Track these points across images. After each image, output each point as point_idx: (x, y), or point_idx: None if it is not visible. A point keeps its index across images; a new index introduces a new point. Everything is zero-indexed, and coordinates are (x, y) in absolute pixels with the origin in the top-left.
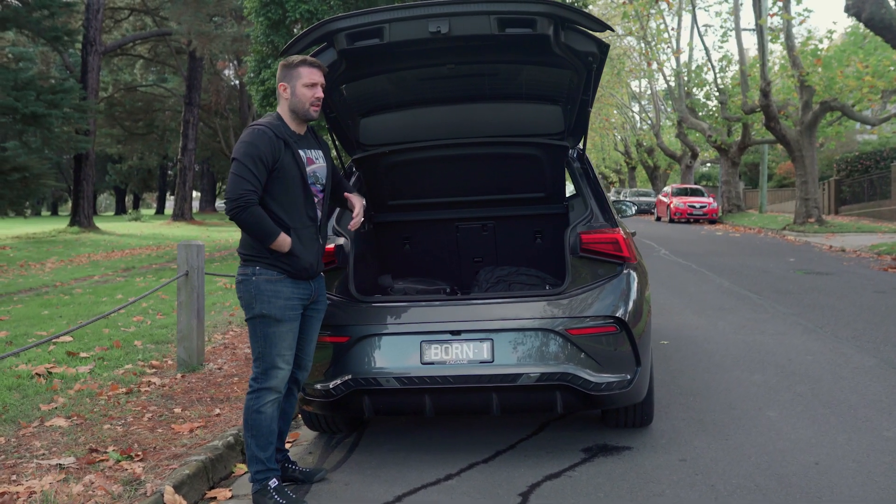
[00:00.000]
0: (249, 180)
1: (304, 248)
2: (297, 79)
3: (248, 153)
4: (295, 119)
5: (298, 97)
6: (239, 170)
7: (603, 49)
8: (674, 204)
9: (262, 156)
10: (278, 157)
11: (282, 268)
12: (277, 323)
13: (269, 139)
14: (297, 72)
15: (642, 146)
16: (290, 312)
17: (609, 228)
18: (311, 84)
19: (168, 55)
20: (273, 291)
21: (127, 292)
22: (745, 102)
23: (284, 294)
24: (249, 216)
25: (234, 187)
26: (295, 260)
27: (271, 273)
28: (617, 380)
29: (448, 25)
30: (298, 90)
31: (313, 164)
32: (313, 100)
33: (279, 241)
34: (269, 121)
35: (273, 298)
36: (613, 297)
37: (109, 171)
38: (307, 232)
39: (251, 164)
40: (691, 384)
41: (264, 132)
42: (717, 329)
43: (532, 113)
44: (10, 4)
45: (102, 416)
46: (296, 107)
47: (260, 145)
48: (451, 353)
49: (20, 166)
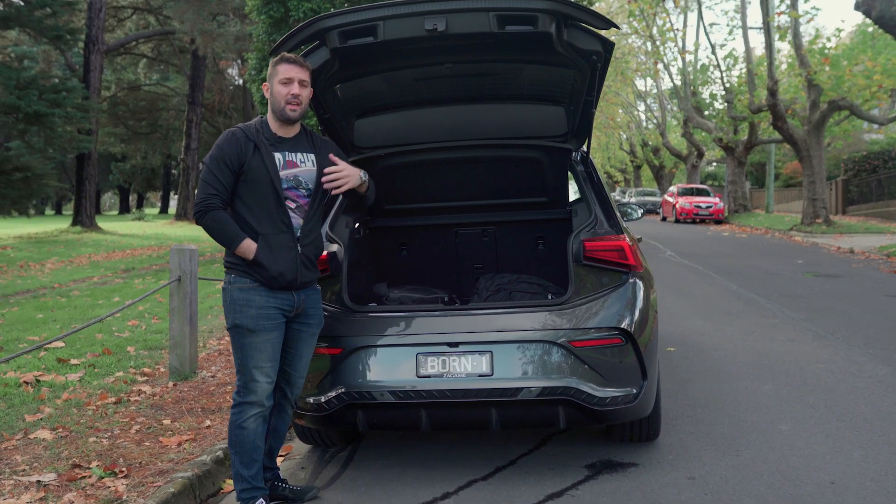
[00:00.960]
0: (212, 184)
1: (272, 255)
2: (274, 75)
3: (214, 156)
4: (277, 120)
5: (274, 95)
6: (204, 174)
7: (608, 47)
8: (679, 204)
9: (227, 158)
10: (245, 159)
11: (254, 276)
12: (251, 333)
13: (237, 141)
14: (275, 69)
15: (648, 145)
16: (264, 322)
17: (614, 235)
18: (285, 80)
19: (171, 54)
20: (245, 300)
21: (124, 295)
22: (752, 101)
23: (256, 303)
24: (210, 221)
25: (199, 191)
26: (261, 269)
27: (244, 281)
28: (622, 394)
29: (445, 23)
30: (275, 88)
31: (295, 167)
32: (288, 97)
33: (242, 247)
34: (249, 123)
35: (245, 308)
36: (618, 307)
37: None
38: (280, 239)
39: (215, 167)
40: (699, 394)
41: (233, 134)
42: (725, 335)
43: (534, 114)
44: (11, 3)
45: (88, 427)
46: (273, 106)
47: (225, 148)
48: (448, 366)
49: (22, 166)
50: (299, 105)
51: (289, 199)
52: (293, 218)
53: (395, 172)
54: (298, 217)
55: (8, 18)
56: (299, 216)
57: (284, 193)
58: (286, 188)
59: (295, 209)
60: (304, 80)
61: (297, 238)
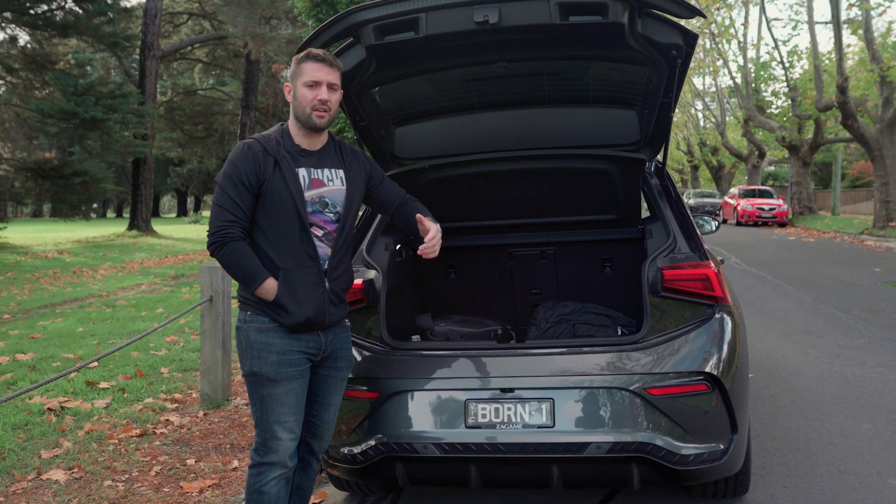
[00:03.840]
0: (230, 209)
1: (292, 296)
2: (298, 76)
3: (228, 174)
4: (300, 129)
5: (298, 100)
6: (218, 196)
7: (690, 40)
8: (741, 206)
9: (244, 177)
10: (264, 178)
11: (274, 316)
12: (272, 383)
13: (253, 156)
14: (300, 68)
15: (706, 145)
16: (287, 370)
17: (697, 261)
18: (312, 83)
19: (226, 59)
20: (264, 344)
21: (169, 305)
22: (820, 99)
23: (278, 347)
24: (229, 255)
25: (213, 217)
26: (283, 312)
27: (262, 320)
28: (707, 451)
29: (498, 14)
30: (299, 91)
31: (322, 186)
32: (314, 103)
33: (264, 287)
34: (266, 133)
35: (264, 352)
36: (703, 347)
37: (171, 174)
38: (303, 275)
39: (230, 188)
40: (787, 435)
41: (249, 147)
42: (808, 358)
43: (601, 119)
44: (71, 11)
45: (106, 468)
46: (296, 112)
47: (240, 164)
48: (501, 415)
49: (80, 171)
50: (328, 112)
51: (314, 225)
52: (319, 248)
53: (442, 187)
54: (326, 246)
55: (67, 26)
56: (327, 245)
57: (310, 219)
58: (311, 212)
59: (322, 237)
60: (334, 83)
61: (323, 272)
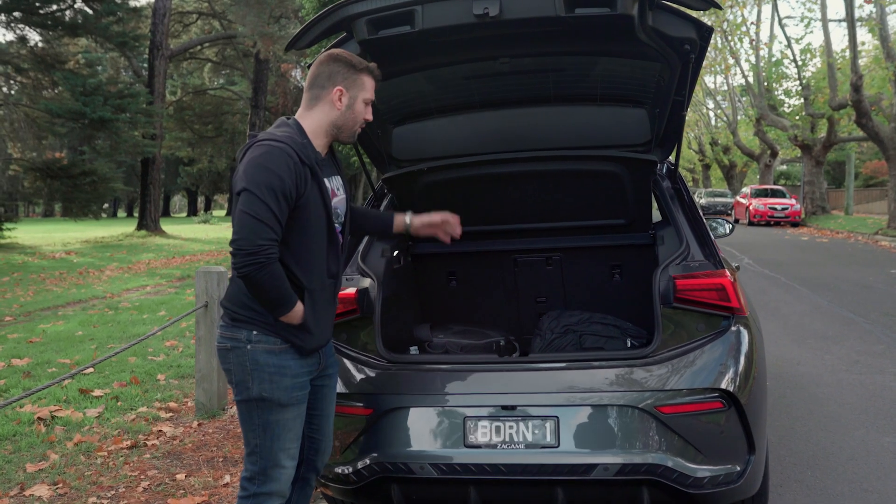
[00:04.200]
0: (271, 225)
1: (317, 319)
2: (360, 89)
3: (269, 184)
4: (327, 136)
5: (355, 113)
6: (256, 208)
7: (704, 34)
8: (753, 205)
9: (287, 189)
10: (303, 190)
11: (286, 336)
12: (282, 409)
13: (294, 165)
14: (362, 80)
15: (717, 144)
16: (298, 394)
17: (712, 270)
18: (369, 101)
19: (235, 58)
20: (277, 367)
21: (171, 308)
22: (833, 97)
23: (292, 370)
24: (269, 277)
25: (249, 233)
26: (303, 336)
27: (273, 341)
28: (723, 473)
29: (499, 6)
30: (358, 105)
31: (335, 196)
32: (364, 123)
33: (295, 311)
34: (288, 135)
35: (277, 376)
36: (718, 362)
37: (181, 174)
38: (325, 295)
39: (273, 200)
40: (806, 449)
41: (288, 155)
42: (825, 365)
43: (610, 118)
44: (80, 10)
45: (91, 483)
46: (345, 123)
47: (284, 174)
48: (503, 434)
49: (89, 170)
50: None
51: None
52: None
53: (442, 190)
54: (341, 262)
55: (76, 26)
56: (341, 260)
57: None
58: None
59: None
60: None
61: (337, 286)
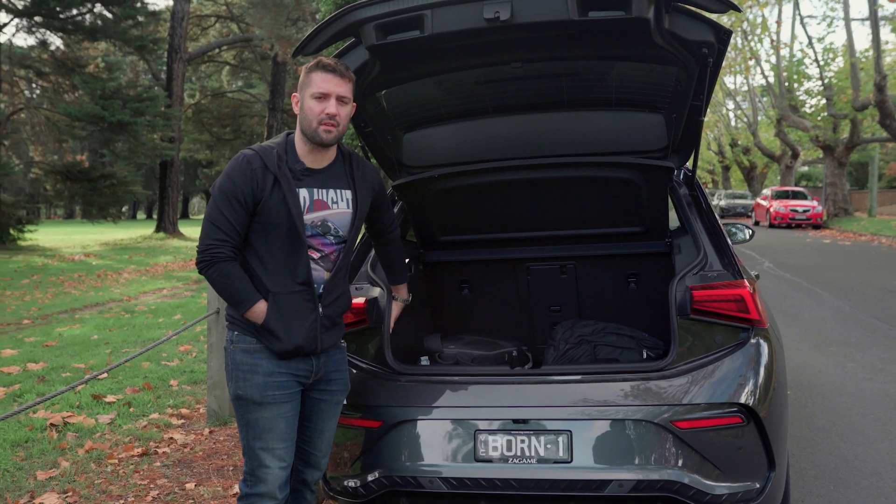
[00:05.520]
0: (221, 227)
1: (283, 322)
2: (307, 86)
3: (223, 189)
4: (305, 144)
5: (306, 112)
6: (210, 211)
7: (723, 37)
8: (774, 207)
9: (239, 194)
10: (261, 196)
11: (258, 337)
12: (257, 407)
13: (251, 172)
14: (309, 78)
15: (737, 145)
16: (273, 393)
17: (731, 280)
18: (320, 95)
19: (253, 61)
20: (250, 365)
21: (187, 312)
22: (856, 98)
23: (264, 368)
24: (217, 275)
25: (203, 234)
26: (270, 338)
27: (249, 340)
28: (742, 490)
29: (510, 10)
30: (307, 103)
31: (325, 209)
32: (322, 116)
33: (254, 310)
34: (267, 145)
35: (249, 374)
36: (737, 375)
37: (199, 176)
38: (294, 299)
39: (224, 204)
40: (828, 462)
41: (247, 162)
42: (847, 373)
43: (625, 124)
44: (99, 14)
45: (101, 492)
46: (302, 125)
47: (237, 180)
48: (514, 448)
49: (108, 174)
50: (335, 126)
51: (312, 248)
52: (315, 271)
53: (453, 197)
54: (322, 270)
55: (96, 31)
56: (323, 269)
57: (308, 242)
58: (309, 235)
59: (319, 259)
60: (345, 96)
61: (318, 296)
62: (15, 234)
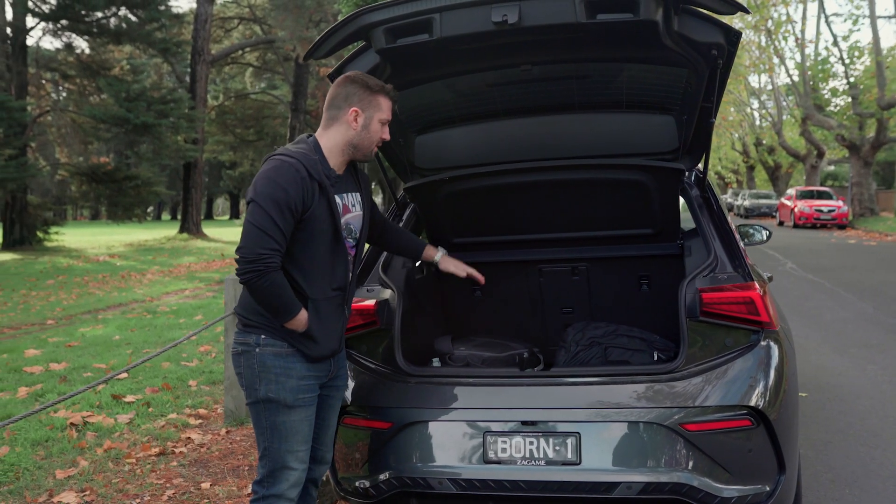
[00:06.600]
0: (273, 236)
1: (322, 328)
2: (376, 109)
3: (274, 197)
4: (343, 155)
5: (371, 133)
6: (260, 219)
7: (732, 39)
8: (798, 207)
9: (292, 202)
10: (310, 205)
11: (293, 342)
12: (288, 410)
13: (301, 180)
14: (378, 101)
15: (762, 145)
16: (304, 396)
17: (741, 283)
18: (386, 121)
19: (276, 63)
20: (283, 368)
21: (208, 312)
22: (882, 96)
23: (298, 372)
24: (269, 285)
25: (251, 242)
26: (309, 344)
27: (281, 345)
28: (752, 492)
29: (518, 13)
30: (374, 125)
31: (348, 213)
32: (380, 141)
33: (298, 319)
34: (302, 151)
35: (283, 377)
36: (747, 378)
37: (223, 177)
38: (330, 305)
39: (276, 212)
40: (844, 465)
41: (297, 171)
42: (867, 376)
43: (636, 126)
44: (124, 18)
45: (118, 491)
46: (361, 143)
47: (289, 188)
48: (523, 450)
49: (132, 175)
50: None
51: None
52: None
53: (465, 199)
54: (349, 275)
55: (120, 33)
56: (350, 273)
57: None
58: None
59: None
60: None
61: (345, 299)
62: (41, 236)
